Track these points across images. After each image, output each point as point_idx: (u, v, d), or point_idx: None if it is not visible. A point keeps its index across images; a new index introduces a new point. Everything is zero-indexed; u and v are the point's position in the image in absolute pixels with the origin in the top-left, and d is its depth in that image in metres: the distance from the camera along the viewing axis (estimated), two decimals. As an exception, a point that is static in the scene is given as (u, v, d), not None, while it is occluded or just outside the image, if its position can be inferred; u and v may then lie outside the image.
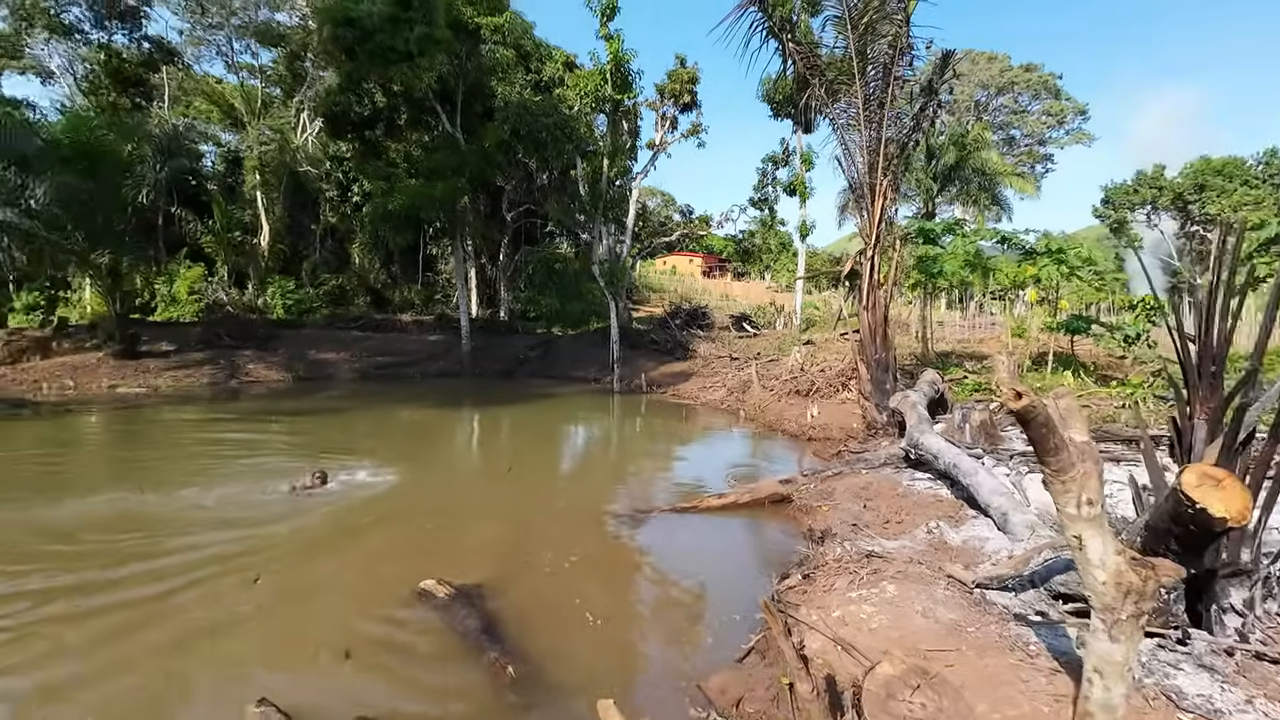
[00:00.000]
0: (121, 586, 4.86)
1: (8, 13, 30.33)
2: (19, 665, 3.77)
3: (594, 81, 18.90)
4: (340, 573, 5.28)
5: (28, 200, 15.95)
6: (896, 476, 6.96)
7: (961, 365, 14.26)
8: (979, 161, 31.32)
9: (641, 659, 3.94)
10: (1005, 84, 55.77)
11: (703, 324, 26.78)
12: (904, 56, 8.47)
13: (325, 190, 31.69)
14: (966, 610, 3.54)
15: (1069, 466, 2.07)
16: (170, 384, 18.11)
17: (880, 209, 9.02)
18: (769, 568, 5.12)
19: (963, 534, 5.03)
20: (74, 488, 8.03)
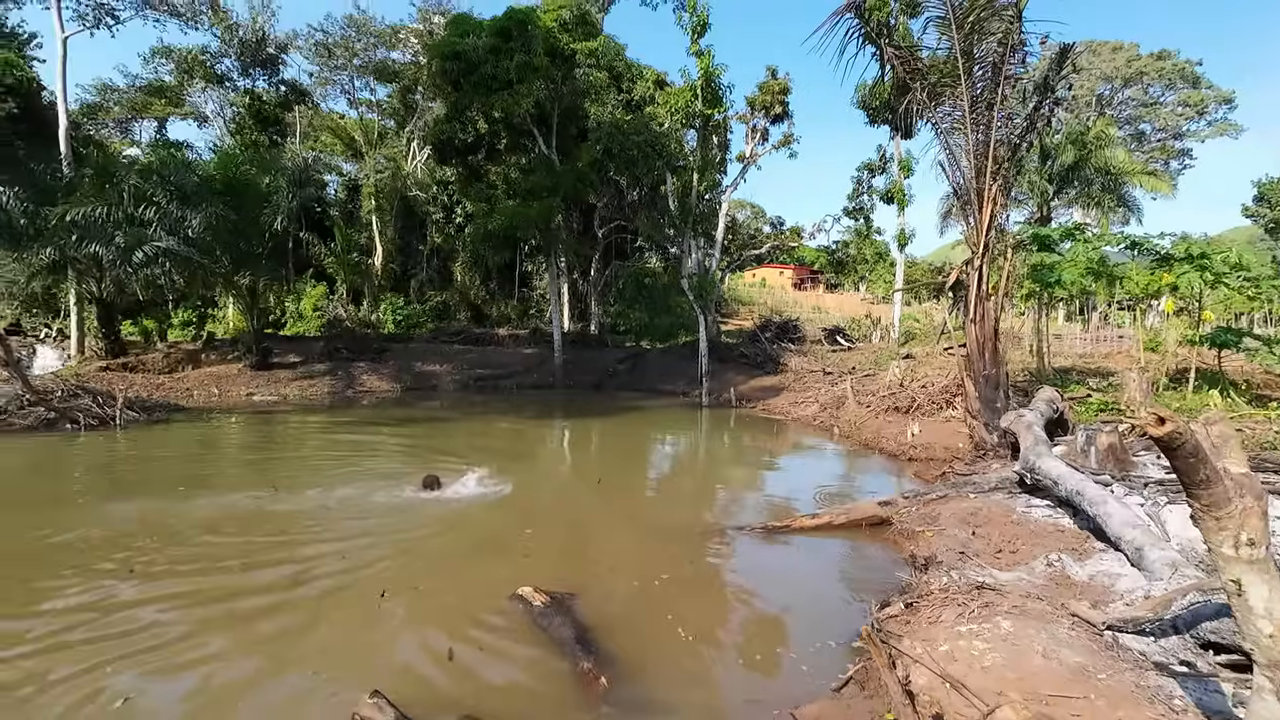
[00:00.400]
0: (252, 579, 5.37)
1: (173, 67, 34.88)
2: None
3: (684, 98, 19.10)
4: (447, 574, 5.57)
5: (186, 230, 18.14)
6: (1009, 502, 6.46)
7: (1084, 382, 13.06)
8: (1102, 160, 28.79)
9: (733, 681, 3.87)
10: (1133, 75, 50.94)
11: (794, 337, 26.16)
12: (1015, 54, 7.95)
13: (432, 213, 33.89)
14: (1096, 654, 3.22)
15: (1224, 502, 1.84)
16: (297, 393, 19.88)
17: (989, 215, 8.47)
18: (866, 594, 4.89)
19: (1088, 569, 4.58)
20: (221, 485, 8.99)
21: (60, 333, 24.04)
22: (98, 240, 17.38)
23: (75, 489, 8.79)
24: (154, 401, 15.94)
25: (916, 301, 40.76)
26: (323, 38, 36.77)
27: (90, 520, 6.87)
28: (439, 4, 35.81)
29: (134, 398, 15.09)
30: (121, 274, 17.77)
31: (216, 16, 28.85)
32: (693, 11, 18.51)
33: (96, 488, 8.89)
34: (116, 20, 25.27)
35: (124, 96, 37.26)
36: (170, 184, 18.81)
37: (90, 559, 5.70)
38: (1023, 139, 8.65)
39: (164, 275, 18.35)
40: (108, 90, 37.21)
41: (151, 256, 17.49)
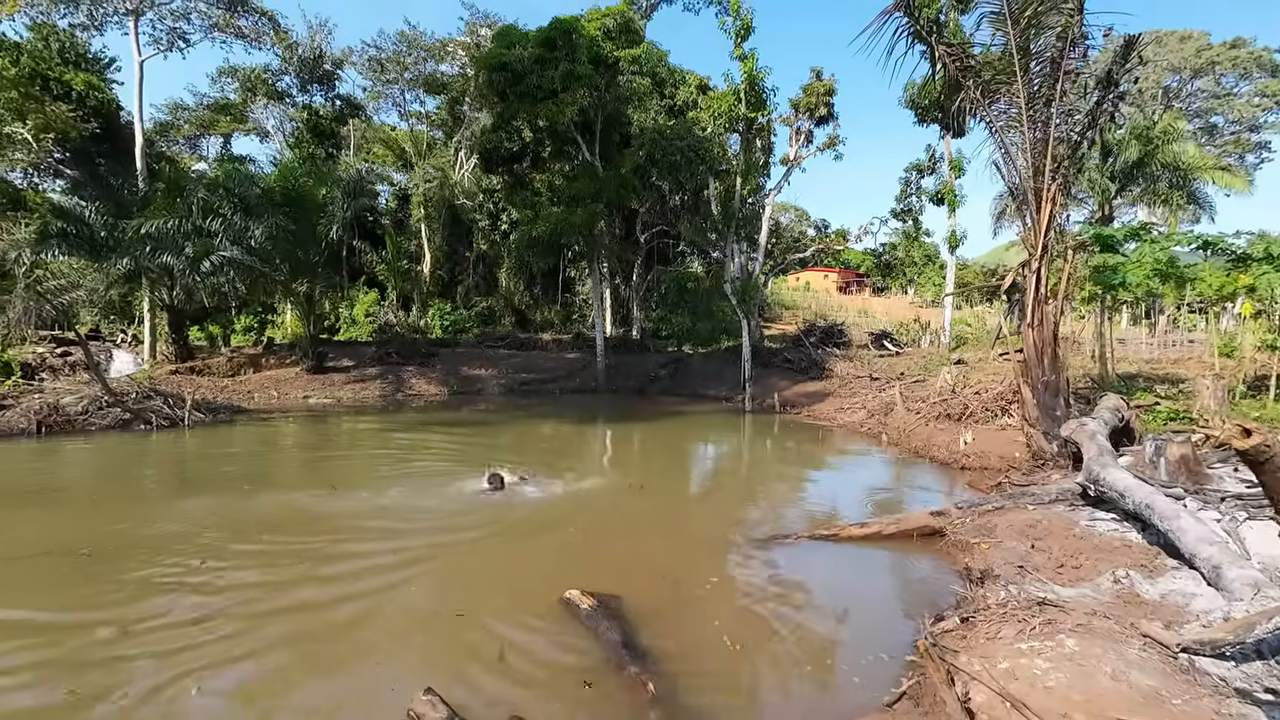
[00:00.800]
0: (313, 574, 5.58)
1: (238, 85, 36.74)
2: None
3: (727, 102, 19.04)
4: (497, 574, 5.69)
5: (249, 240, 19.04)
6: (1072, 515, 6.18)
7: (1151, 390, 12.40)
8: (1169, 155, 27.29)
9: (783, 693, 3.81)
10: (1203, 65, 48.25)
11: (839, 342, 25.68)
12: (1075, 48, 7.64)
13: (478, 220, 34.66)
14: (1169, 678, 3.05)
15: (1317, 519, 1.73)
16: (350, 396, 20.58)
17: (1048, 215, 8.14)
18: (919, 607, 4.75)
19: (1160, 587, 4.35)
20: (283, 483, 9.39)
21: (135, 338, 25.51)
22: (169, 251, 18.40)
23: (151, 486, 9.32)
24: (218, 403, 16.75)
25: (968, 305, 39.48)
26: (376, 53, 38.16)
27: (166, 516, 7.27)
28: (486, 17, 36.70)
29: (200, 400, 15.89)
30: (190, 282, 18.74)
31: (278, 36, 30.23)
32: (736, 15, 18.44)
33: (170, 485, 9.41)
34: (187, 43, 26.79)
35: (193, 114, 39.45)
36: (234, 196, 19.78)
37: (167, 553, 6.03)
38: (1083, 136, 8.29)
39: (228, 283, 19.29)
40: (179, 109, 39.47)
41: (217, 266, 18.40)
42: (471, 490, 8.18)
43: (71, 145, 25.51)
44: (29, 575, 5.51)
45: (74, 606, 4.89)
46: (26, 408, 13.20)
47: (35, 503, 7.93)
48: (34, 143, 23.66)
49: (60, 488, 8.98)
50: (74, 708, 3.57)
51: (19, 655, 4.16)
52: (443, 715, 3.19)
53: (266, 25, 28.18)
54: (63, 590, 5.21)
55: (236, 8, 26.71)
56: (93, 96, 25.35)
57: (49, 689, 3.76)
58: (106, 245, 18.74)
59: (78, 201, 19.78)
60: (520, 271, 34.96)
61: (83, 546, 6.10)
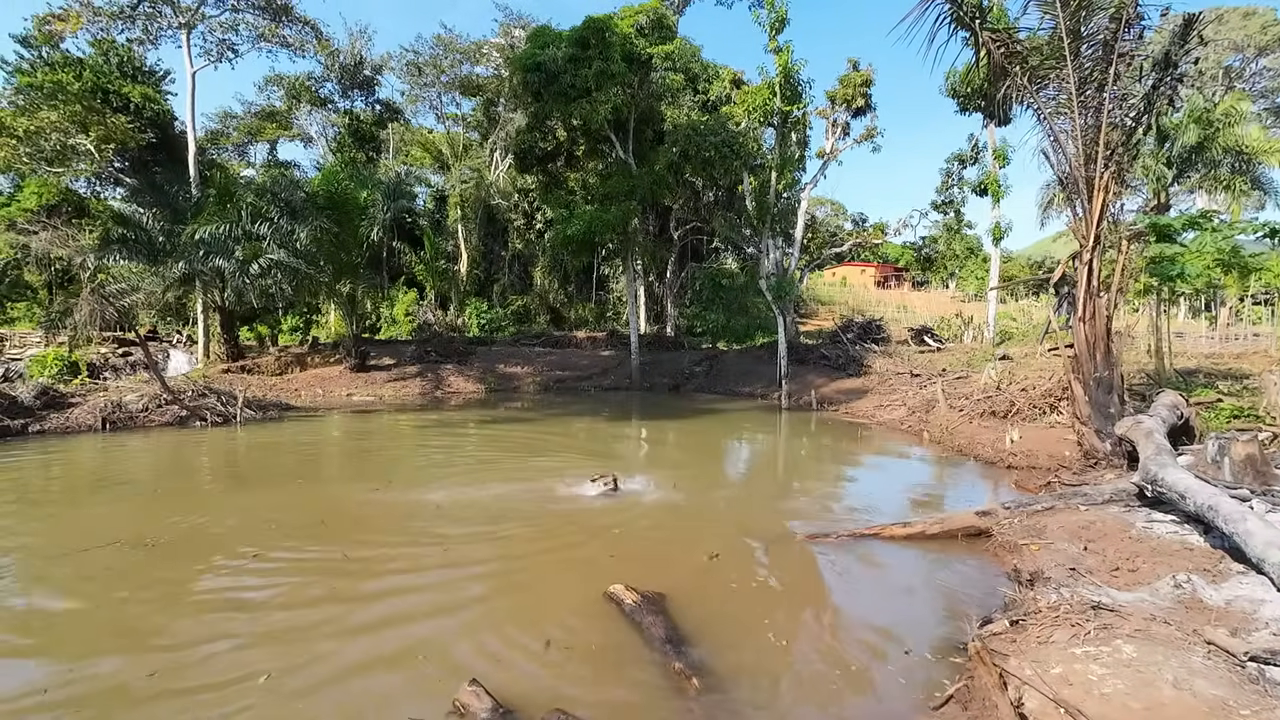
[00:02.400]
0: (366, 567, 5.75)
1: (283, 93, 37.95)
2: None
3: (762, 96, 18.83)
4: (542, 569, 5.77)
5: (294, 243, 19.67)
6: (1127, 516, 5.94)
7: (1213, 386, 11.81)
8: (1231, 139, 25.95)
9: (826, 692, 3.76)
10: (1270, 43, 45.67)
11: (877, 338, 25.16)
12: (1130, 29, 7.31)
13: (513, 220, 35.10)
14: (1238, 687, 2.91)
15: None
16: (391, 393, 21.09)
17: (1100, 205, 7.82)
18: (964, 608, 4.64)
19: (1225, 592, 4.15)
20: (326, 479, 9.70)
21: (189, 338, 26.64)
22: (220, 254, 19.16)
23: (207, 481, 9.74)
24: (268, 401, 17.36)
25: (1012, 299, 38.27)
26: (413, 57, 38.95)
27: (224, 509, 7.59)
28: (519, 18, 37.11)
29: (251, 398, 16.50)
30: (240, 284, 19.47)
31: (320, 45, 31.12)
32: (771, 7, 18.22)
33: (226, 480, 9.81)
34: (236, 54, 27.80)
35: (241, 122, 40.95)
36: (280, 201, 20.46)
37: (227, 544, 6.30)
38: (1139, 121, 7.95)
39: (276, 285, 20.00)
40: (228, 117, 41.02)
41: (265, 268, 19.08)
42: (606, 488, 8.18)
43: (130, 154, 26.80)
44: (99, 564, 5.81)
45: (147, 598, 5.15)
46: (93, 405, 13.93)
47: (103, 496, 8.38)
48: (96, 153, 24.90)
49: (126, 480, 9.44)
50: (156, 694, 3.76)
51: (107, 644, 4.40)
52: (487, 705, 3.26)
53: (309, 34, 29.03)
54: (132, 577, 5.48)
55: (281, 18, 27.59)
56: (149, 108, 26.54)
57: (133, 667, 3.97)
58: (163, 250, 19.61)
59: (136, 208, 20.74)
60: (555, 270, 35.29)
61: (147, 538, 6.41)
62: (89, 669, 4.01)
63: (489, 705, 3.26)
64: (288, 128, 40.37)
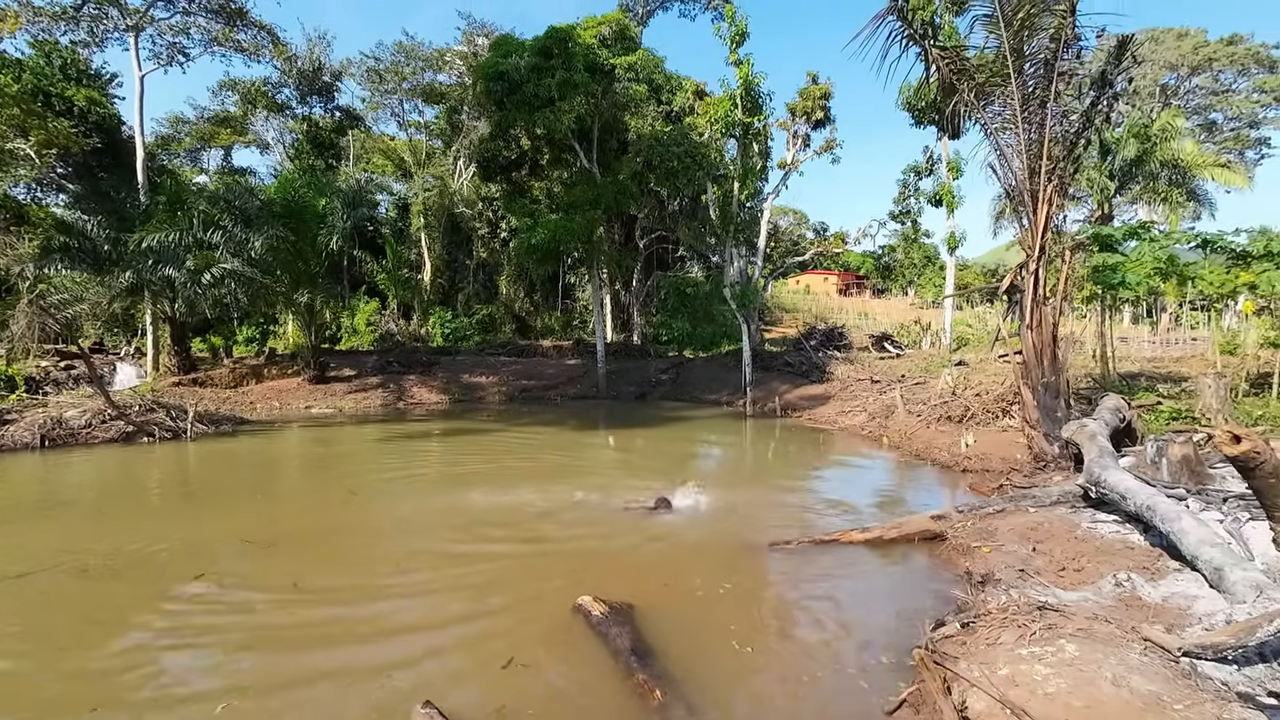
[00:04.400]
0: (325, 583, 5.58)
1: (238, 98, 36.96)
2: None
3: (724, 107, 19.09)
4: (505, 582, 5.69)
5: (249, 251, 19.11)
6: (1073, 517, 6.16)
7: (1154, 389, 12.37)
8: (1168, 153, 27.31)
9: (785, 699, 3.79)
10: (1201, 62, 48.32)
11: (839, 345, 25.65)
12: (1069, 49, 7.66)
13: (477, 228, 34.76)
14: (1171, 683, 3.03)
15: (1308, 525, 1.72)
16: (351, 405, 20.61)
17: (1044, 216, 8.14)
18: (921, 611, 4.73)
19: (1162, 590, 4.33)
20: (281, 494, 9.40)
21: (138, 350, 25.60)
22: (171, 264, 18.50)
23: (155, 500, 9.34)
24: (221, 415, 16.78)
25: (968, 306, 39.44)
26: (374, 64, 38.35)
27: (172, 529, 7.28)
28: (482, 26, 36.92)
29: (203, 411, 15.92)
30: (192, 294, 18.81)
31: (277, 50, 30.40)
32: (731, 21, 18.51)
33: (176, 498, 9.42)
34: (187, 58, 26.99)
35: (194, 127, 39.71)
36: (235, 208, 19.87)
37: (175, 567, 6.03)
38: (1079, 136, 8.31)
39: (230, 295, 19.38)
40: (179, 122, 39.75)
41: (218, 278, 18.48)
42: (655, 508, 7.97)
43: (74, 160, 25.70)
44: (39, 590, 5.51)
45: (102, 620, 4.90)
46: (31, 422, 13.26)
47: (43, 516, 7.96)
48: (36, 158, 23.81)
49: (67, 501, 9.00)
50: None
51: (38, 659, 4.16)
52: (441, 729, 3.19)
53: (265, 39, 28.37)
54: (71, 607, 5.21)
55: (235, 22, 26.90)
56: (94, 112, 25.56)
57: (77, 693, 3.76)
58: (109, 259, 18.85)
59: (80, 216, 19.89)
60: (520, 278, 35.05)
61: (90, 560, 6.12)
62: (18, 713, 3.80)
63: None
64: (243, 134, 39.30)
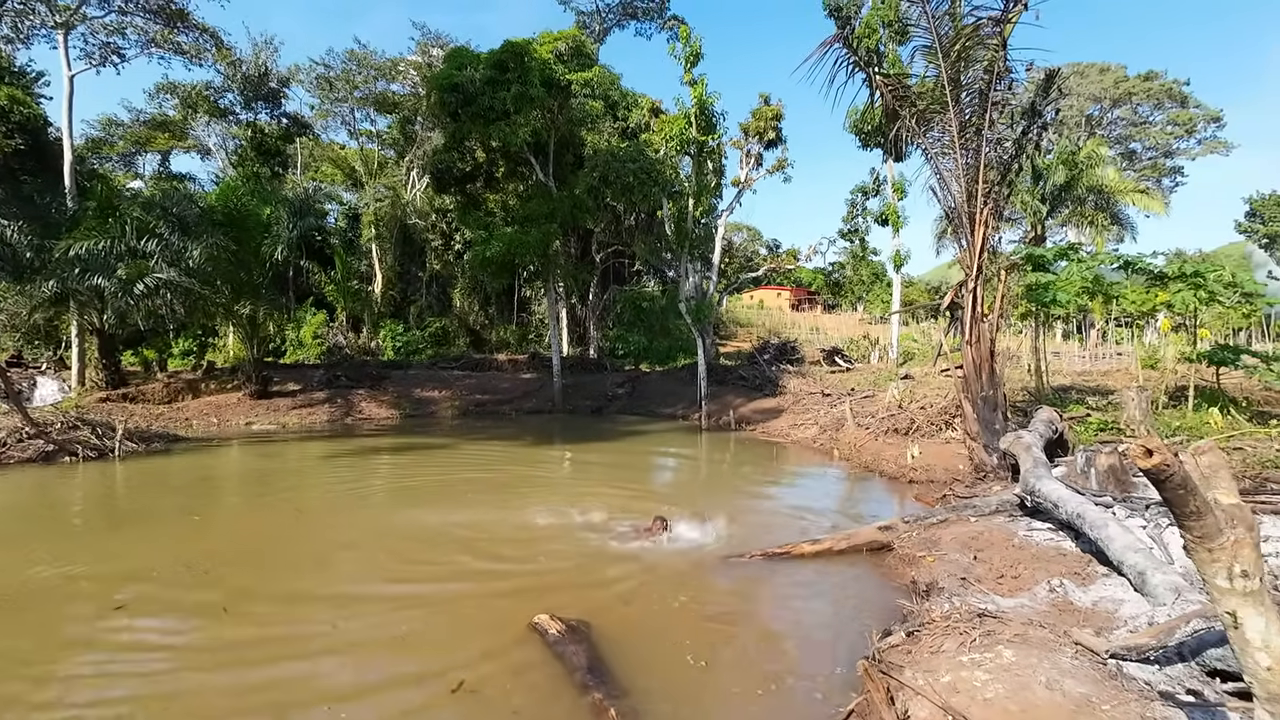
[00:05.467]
0: (266, 616, 5.32)
1: (177, 102, 35.51)
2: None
3: (678, 126, 19.39)
4: (454, 601, 5.54)
5: (187, 261, 18.28)
6: (1011, 526, 6.41)
7: (1083, 402, 13.04)
8: (1093, 179, 29.08)
9: (738, 713, 3.81)
10: (1121, 95, 51.80)
11: (792, 359, 26.17)
12: (1001, 81, 8.12)
13: (431, 240, 34.18)
14: (1099, 684, 3.18)
15: (1215, 533, 1.84)
16: (296, 421, 19.84)
17: (981, 238, 8.55)
18: (869, 621, 4.83)
19: (1091, 594, 4.54)
20: (214, 516, 8.95)
21: (61, 363, 24.08)
22: (100, 273, 17.51)
23: (75, 522, 8.74)
24: (153, 432, 15.89)
25: (914, 321, 40.89)
26: (324, 71, 37.50)
27: (94, 554, 6.82)
28: (437, 37, 36.60)
29: (133, 428, 15.05)
30: (123, 305, 17.85)
31: (220, 54, 29.41)
32: (686, 42, 18.89)
33: (99, 521, 8.84)
34: (122, 59, 25.79)
35: (128, 131, 37.88)
36: (172, 216, 18.99)
37: (96, 594, 5.64)
38: (1012, 162, 8.78)
39: (165, 306, 18.46)
40: (112, 125, 37.87)
41: (153, 288, 17.59)
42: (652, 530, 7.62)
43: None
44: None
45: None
46: (-67, 442, 12.28)
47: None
48: (-51, 159, 22.28)
49: (-30, 529, 8.34)
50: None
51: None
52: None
53: (208, 42, 27.40)
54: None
55: (175, 24, 25.90)
56: (17, 111, 24.12)
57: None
58: (31, 267, 17.72)
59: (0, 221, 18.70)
60: (475, 291, 34.57)
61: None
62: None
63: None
64: (182, 139, 37.70)
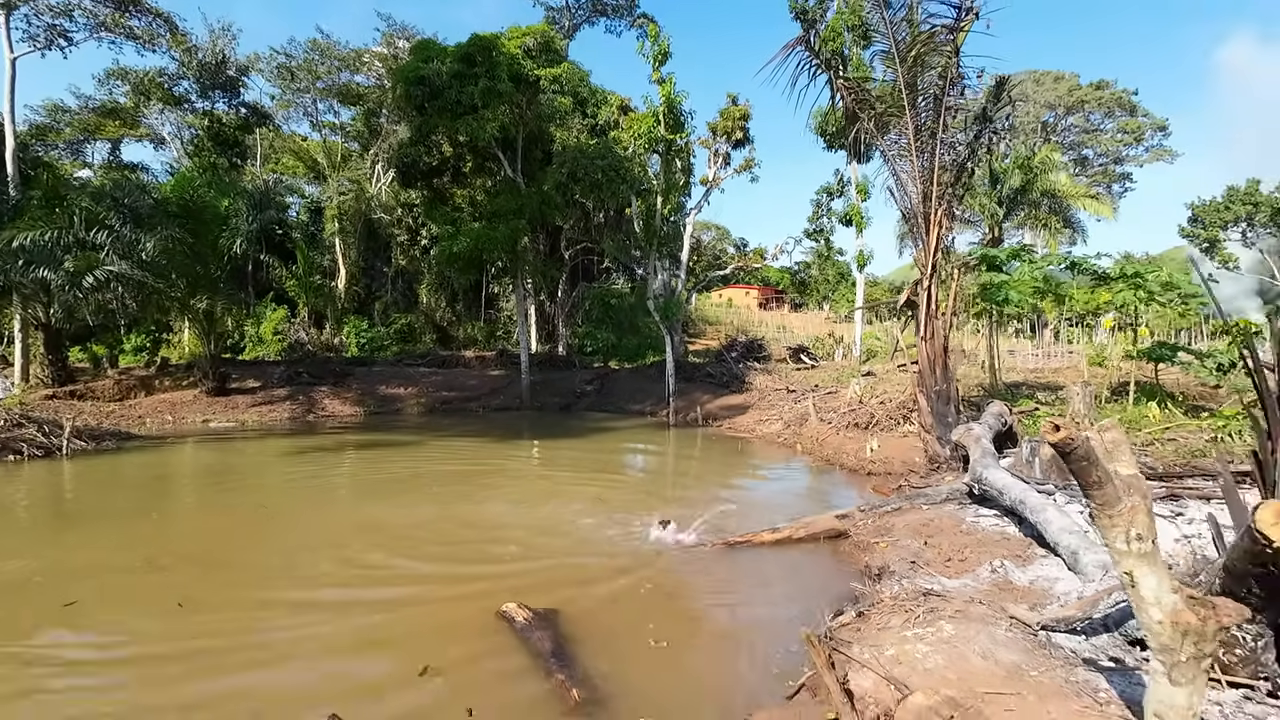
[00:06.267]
0: (221, 608, 5.27)
1: (129, 89, 34.18)
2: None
3: (646, 124, 19.52)
4: (430, 585, 5.60)
5: (140, 253, 17.69)
6: (960, 513, 6.70)
7: (1034, 396, 13.59)
8: (1047, 184, 30.11)
9: (697, 691, 3.96)
10: (1074, 103, 53.78)
11: (759, 356, 26.58)
12: (954, 87, 8.44)
13: (396, 235, 33.64)
14: (1030, 653, 3.40)
15: (1114, 501, 2.03)
16: (255, 419, 19.40)
17: (935, 238, 8.88)
18: (825, 604, 5.03)
19: (1030, 574, 4.81)
20: (169, 514, 8.75)
21: (3, 360, 23.05)
22: (46, 265, 16.84)
23: (23, 522, 8.45)
24: (104, 430, 15.37)
25: (877, 320, 41.81)
26: (285, 61, 36.44)
27: (40, 554, 6.63)
28: (403, 28, 35.94)
29: (82, 426, 14.54)
30: (71, 299, 17.19)
31: (174, 39, 28.43)
32: (654, 41, 19.02)
33: (47, 520, 8.56)
34: (70, 42, 24.75)
35: (75, 118, 36.28)
36: (124, 206, 18.38)
37: (43, 593, 5.51)
38: (965, 165, 9.13)
39: (116, 300, 17.84)
40: (58, 111, 36.20)
41: (103, 281, 16.99)
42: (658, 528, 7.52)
43: (-74, 147, 22.91)
44: None
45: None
46: None
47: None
48: (-121, 143, 21.12)
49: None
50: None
51: None
52: (346, 742, 3.12)
53: (162, 27, 26.49)
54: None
55: (127, 8, 24.97)
56: (-47, 95, 22.94)
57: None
58: (-32, 258, 16.94)
59: (-67, 210, 17.82)
60: (441, 287, 34.17)
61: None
62: None
63: (348, 739, 3.12)
64: (134, 127, 36.28)
